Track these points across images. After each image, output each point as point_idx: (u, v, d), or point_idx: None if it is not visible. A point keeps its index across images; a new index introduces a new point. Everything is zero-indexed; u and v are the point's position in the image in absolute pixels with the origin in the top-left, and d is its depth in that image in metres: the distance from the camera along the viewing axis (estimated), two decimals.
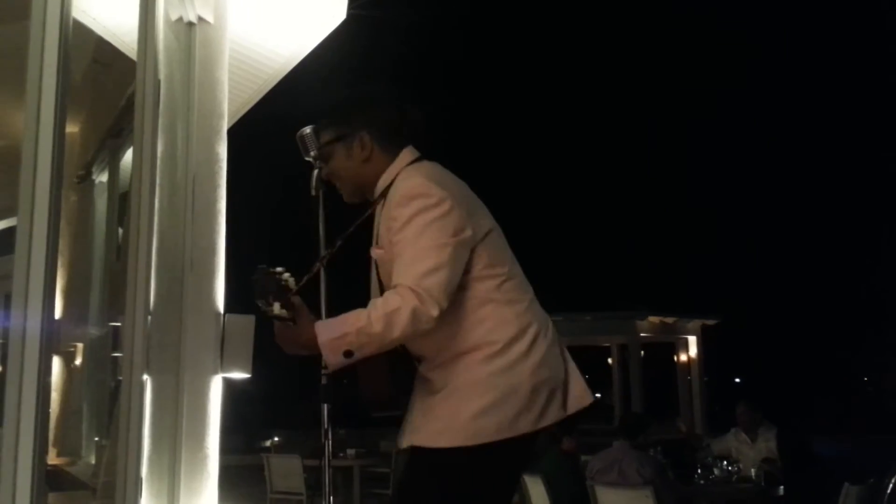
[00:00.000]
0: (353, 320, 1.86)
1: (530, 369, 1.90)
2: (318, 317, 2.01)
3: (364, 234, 2.15)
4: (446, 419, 1.90)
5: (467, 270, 1.94)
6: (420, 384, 2.02)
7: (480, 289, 1.95)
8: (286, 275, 1.90)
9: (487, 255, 1.97)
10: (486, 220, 2.01)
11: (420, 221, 1.88)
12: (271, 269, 1.89)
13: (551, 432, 5.83)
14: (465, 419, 1.88)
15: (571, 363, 2.04)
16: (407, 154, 2.08)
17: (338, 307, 2.02)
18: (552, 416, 1.93)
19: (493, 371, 1.89)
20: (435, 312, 1.83)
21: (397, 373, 2.00)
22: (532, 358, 1.92)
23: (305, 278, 1.98)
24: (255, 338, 2.99)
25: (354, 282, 2.15)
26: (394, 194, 1.97)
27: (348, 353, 1.84)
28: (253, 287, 1.91)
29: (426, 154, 2.13)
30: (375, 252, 2.04)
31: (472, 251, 1.95)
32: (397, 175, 2.02)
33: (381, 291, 1.99)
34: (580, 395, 2.01)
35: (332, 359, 1.86)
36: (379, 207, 2.07)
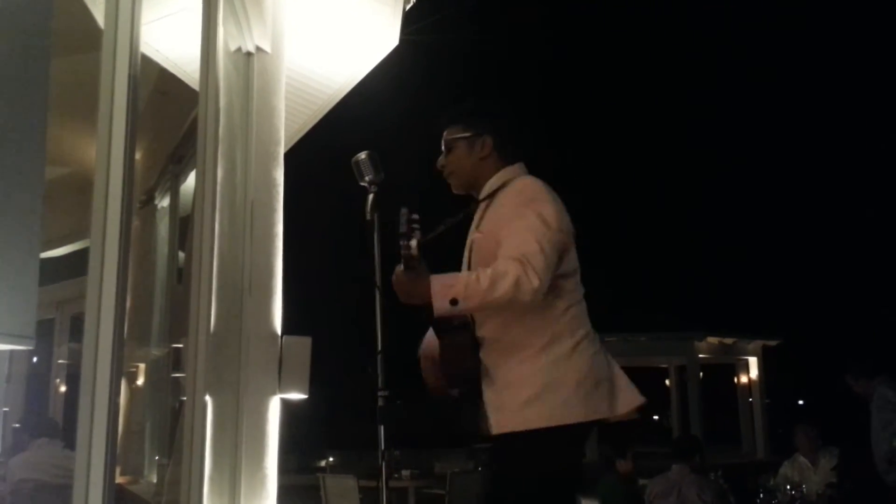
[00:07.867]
0: (464, 275, 2.14)
1: (574, 365, 2.13)
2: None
3: (456, 229, 2.39)
4: (503, 409, 2.15)
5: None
6: (482, 371, 2.21)
7: (553, 289, 2.15)
8: (416, 225, 2.12)
9: (565, 265, 2.21)
10: (572, 237, 2.28)
11: (531, 213, 2.16)
12: (413, 216, 2.10)
13: (606, 456, 5.74)
14: (515, 408, 2.12)
15: (618, 368, 2.23)
16: (522, 167, 2.39)
17: None
18: (602, 410, 2.13)
19: (540, 365, 2.13)
20: (536, 284, 2.04)
21: (476, 352, 2.22)
22: (577, 356, 2.15)
23: (426, 238, 2.18)
24: (311, 359, 3.04)
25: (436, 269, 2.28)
26: (509, 191, 2.27)
27: (454, 302, 2.08)
28: (399, 222, 2.12)
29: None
30: (476, 235, 2.29)
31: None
32: (511, 179, 2.31)
33: None
34: (631, 397, 2.19)
35: (440, 303, 2.09)
36: (484, 204, 2.34)
